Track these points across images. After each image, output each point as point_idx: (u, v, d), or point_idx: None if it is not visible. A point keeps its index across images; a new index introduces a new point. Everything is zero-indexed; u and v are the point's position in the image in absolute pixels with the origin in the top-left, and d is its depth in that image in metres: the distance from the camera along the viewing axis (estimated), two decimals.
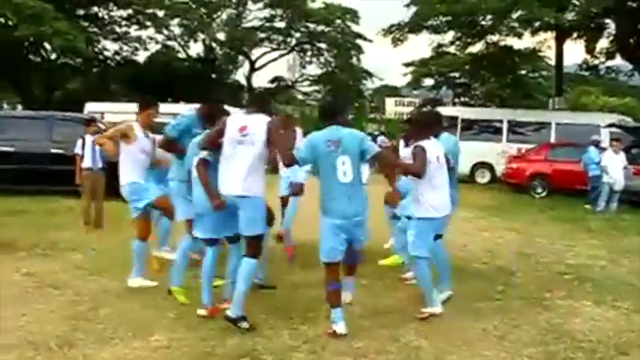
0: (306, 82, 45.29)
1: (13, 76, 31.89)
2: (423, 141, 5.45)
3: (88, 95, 25.67)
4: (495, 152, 20.39)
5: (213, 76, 40.82)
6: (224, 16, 41.26)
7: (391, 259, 7.05)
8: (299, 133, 7.30)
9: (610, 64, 29.26)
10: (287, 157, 5.11)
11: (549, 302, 6.23)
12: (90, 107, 19.41)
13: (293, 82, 45.76)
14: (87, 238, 8.95)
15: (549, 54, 30.43)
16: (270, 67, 44.06)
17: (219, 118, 5.46)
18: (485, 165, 20.83)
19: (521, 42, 28.65)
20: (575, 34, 27.14)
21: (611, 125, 18.24)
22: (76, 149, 9.84)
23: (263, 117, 5.20)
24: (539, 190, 17.07)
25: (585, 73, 32.36)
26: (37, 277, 6.69)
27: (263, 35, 41.04)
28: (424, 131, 5.60)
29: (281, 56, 43.54)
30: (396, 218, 6.68)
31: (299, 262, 7.21)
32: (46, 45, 30.84)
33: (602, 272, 7.72)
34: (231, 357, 4.55)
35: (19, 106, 32.14)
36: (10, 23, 26.98)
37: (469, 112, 23.52)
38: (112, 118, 17.94)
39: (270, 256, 6.81)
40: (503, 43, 29.00)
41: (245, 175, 5.06)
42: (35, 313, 5.48)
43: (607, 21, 25.41)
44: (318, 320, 5.29)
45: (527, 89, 34.61)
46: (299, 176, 6.53)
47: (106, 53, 36.75)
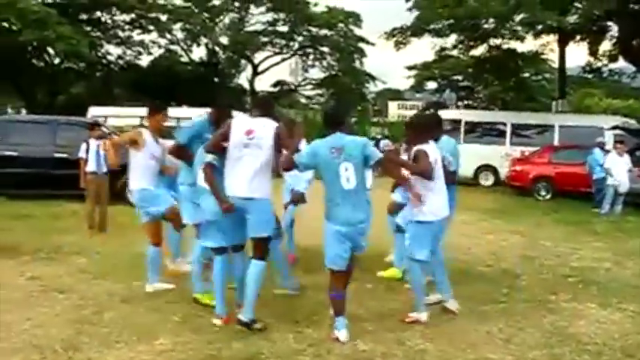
0: (309, 86, 45.26)
1: (17, 80, 31.99)
2: (423, 145, 5.43)
3: (92, 99, 25.72)
4: (499, 155, 20.33)
5: (216, 80, 40.83)
6: (227, 20, 41.34)
7: (390, 272, 7.01)
8: (303, 142, 7.27)
9: (613, 66, 29.35)
10: (286, 162, 5.13)
11: (554, 305, 6.22)
12: (93, 111, 19.50)
13: (296, 86, 45.73)
14: (91, 241, 8.95)
15: (552, 57, 30.54)
16: (272, 71, 44.05)
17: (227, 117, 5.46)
18: (488, 168, 20.78)
19: (524, 45, 28.74)
20: (577, 37, 27.18)
21: (614, 127, 18.23)
22: (80, 153, 9.85)
23: (269, 121, 5.21)
24: (543, 192, 17.03)
25: (588, 75, 32.41)
26: (41, 280, 6.70)
27: (266, 39, 41.06)
28: (423, 135, 5.58)
29: (284, 60, 43.57)
30: (400, 231, 6.59)
31: (303, 266, 7.20)
32: (50, 49, 30.93)
33: (607, 275, 7.71)
34: None
35: (23, 111, 32.18)
36: (14, 28, 27.04)
37: (472, 115, 23.48)
38: (115, 122, 18.04)
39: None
40: (506, 47, 28.99)
41: (251, 177, 5.07)
42: (40, 317, 5.48)
43: (609, 23, 25.41)
44: (324, 324, 5.29)
45: (531, 92, 34.62)
46: (300, 185, 6.51)
47: (109, 57, 36.87)
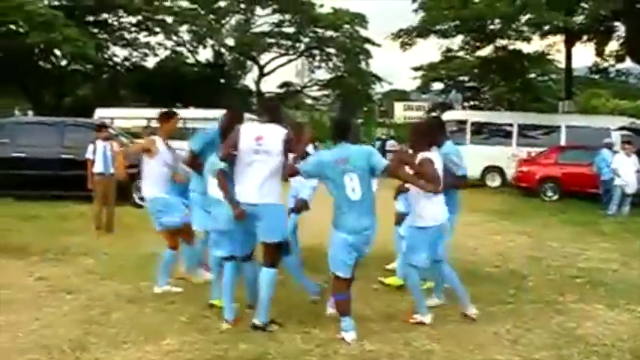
0: (315, 87, 45.19)
1: (24, 82, 32.08)
2: (426, 153, 5.42)
3: (98, 101, 25.77)
4: (505, 156, 20.27)
5: (222, 81, 40.84)
6: (233, 21, 41.37)
7: (392, 280, 7.00)
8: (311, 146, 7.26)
9: (620, 66, 29.24)
10: (290, 168, 5.17)
11: (562, 306, 6.21)
12: (100, 113, 19.52)
13: (302, 87, 45.72)
14: (98, 242, 9.00)
15: (559, 57, 30.36)
16: (278, 72, 44.04)
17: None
18: (495, 169, 20.74)
19: (531, 45, 28.61)
20: (584, 37, 27.08)
21: (622, 128, 18.16)
22: (88, 154, 9.89)
23: (278, 127, 5.22)
24: (550, 193, 16.97)
25: (595, 75, 32.28)
26: (49, 281, 6.75)
27: (272, 40, 41.04)
28: (426, 141, 5.56)
29: (290, 61, 43.54)
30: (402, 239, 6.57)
31: (310, 267, 7.17)
32: (57, 52, 31.01)
33: (614, 275, 7.69)
34: None
35: (30, 112, 32.27)
36: (21, 30, 27.15)
37: (479, 116, 23.41)
38: (122, 123, 18.08)
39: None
40: (512, 47, 28.89)
41: (261, 183, 5.10)
42: (48, 317, 5.52)
43: (616, 24, 25.32)
44: (331, 324, 5.28)
45: (537, 93, 34.44)
46: (304, 192, 6.54)
47: (115, 59, 36.87)
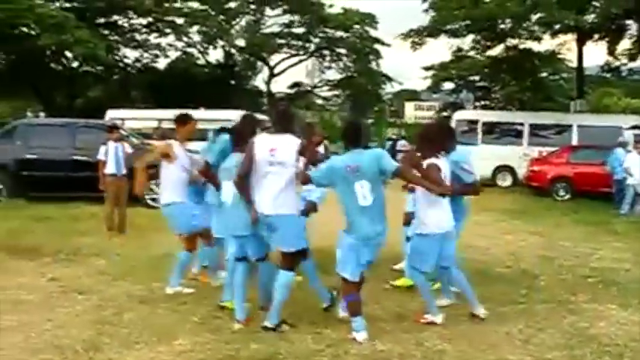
0: (326, 87, 45.17)
1: (36, 84, 32.29)
2: (433, 159, 5.39)
3: (109, 102, 25.85)
4: (517, 155, 20.22)
5: (233, 82, 40.91)
6: (243, 22, 41.40)
7: (402, 281, 7.00)
8: (321, 147, 7.26)
9: (632, 65, 29.02)
10: (301, 176, 5.19)
11: (574, 306, 6.18)
12: (111, 114, 19.58)
13: (312, 88, 45.71)
14: (110, 243, 9.04)
15: (570, 56, 30.20)
16: (289, 73, 44.03)
17: (250, 135, 5.48)
18: (506, 168, 20.67)
19: (542, 45, 28.49)
20: (596, 36, 26.94)
21: (634, 127, 18.03)
22: (100, 155, 9.93)
23: (291, 137, 5.23)
24: (562, 193, 16.88)
25: (607, 74, 32.10)
26: (61, 282, 6.79)
27: (282, 41, 41.08)
28: (434, 146, 5.52)
29: (300, 62, 43.54)
30: (409, 240, 6.57)
31: (320, 267, 7.18)
32: (68, 53, 31.17)
33: (627, 275, 7.63)
34: None
35: (42, 114, 32.46)
36: (32, 33, 27.33)
37: (490, 116, 23.34)
38: (133, 124, 18.14)
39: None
40: (523, 46, 28.79)
41: (277, 195, 5.13)
42: (61, 318, 5.55)
43: (628, 22, 25.20)
44: (342, 324, 5.28)
45: (548, 92, 34.26)
46: (313, 195, 6.54)
47: (126, 61, 36.98)
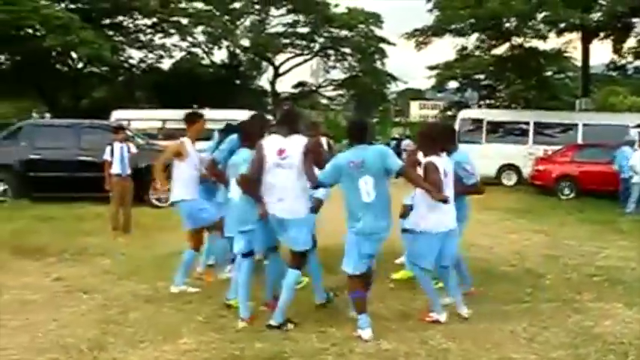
0: (330, 87, 45.20)
1: (41, 85, 32.38)
2: (432, 157, 5.40)
3: (114, 103, 25.90)
4: (522, 154, 20.18)
5: (238, 82, 40.94)
6: (247, 22, 41.45)
7: (401, 273, 7.02)
8: (324, 142, 7.28)
9: (638, 63, 28.87)
10: (312, 180, 5.24)
11: (579, 304, 6.16)
12: (117, 115, 19.60)
13: (317, 87, 45.74)
14: (115, 243, 9.06)
15: (575, 55, 30.09)
16: (293, 73, 44.09)
17: (259, 135, 5.51)
18: (511, 167, 20.64)
19: (547, 43, 28.39)
20: (601, 34, 26.81)
21: (639, 125, 17.96)
22: (105, 156, 9.95)
23: (299, 138, 5.28)
24: (567, 191, 16.80)
25: (613, 73, 31.99)
26: (66, 281, 6.81)
27: (286, 41, 41.11)
28: (434, 145, 5.54)
29: (305, 61, 43.58)
30: (407, 232, 6.57)
31: (325, 266, 7.19)
32: (73, 54, 31.27)
33: (632, 274, 7.60)
34: (260, 359, 4.58)
35: (47, 115, 32.54)
36: (38, 34, 27.41)
37: (494, 114, 23.29)
38: (138, 124, 18.17)
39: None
40: (528, 45, 28.71)
41: (286, 196, 5.20)
42: (66, 317, 5.57)
43: (634, 20, 25.09)
44: (346, 323, 5.29)
45: (553, 90, 34.13)
46: (318, 192, 6.56)
47: (131, 61, 37.03)
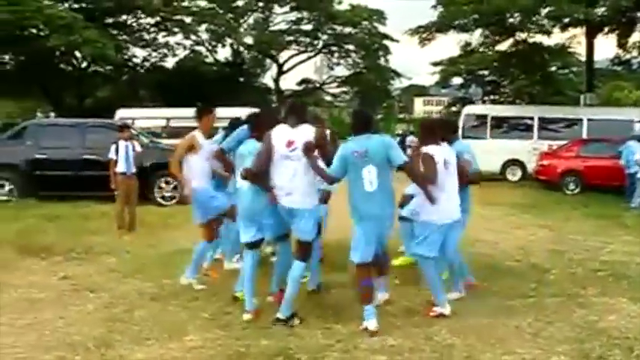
0: (334, 84, 45.26)
1: (45, 85, 32.46)
2: (430, 147, 5.49)
3: (118, 102, 25.96)
4: (526, 149, 20.17)
5: (241, 79, 41.03)
6: (251, 20, 41.55)
7: (401, 260, 7.06)
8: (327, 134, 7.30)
9: None
10: (327, 178, 5.29)
11: (584, 299, 6.15)
12: (121, 113, 19.64)
13: (321, 84, 45.78)
14: (121, 241, 9.08)
15: (580, 50, 30.00)
16: (297, 70, 44.22)
17: (269, 127, 5.51)
18: (516, 162, 20.62)
19: (551, 38, 28.34)
20: (606, 29, 26.74)
21: None
22: (110, 154, 9.97)
23: (307, 128, 5.32)
24: (572, 186, 16.76)
25: (617, 67, 31.93)
26: (73, 280, 6.83)
27: (290, 38, 41.16)
28: (432, 136, 5.64)
29: (309, 58, 43.68)
30: (403, 220, 6.73)
31: (330, 262, 7.22)
32: (77, 54, 31.35)
33: (637, 269, 7.56)
34: (265, 356, 4.60)
35: (52, 114, 32.64)
36: (41, 34, 27.48)
37: (499, 110, 23.24)
38: (142, 123, 18.21)
39: None
40: (532, 40, 28.65)
41: (295, 186, 5.22)
42: (72, 316, 5.60)
43: (639, 14, 24.97)
44: (352, 319, 5.31)
45: (558, 86, 34.06)
46: (325, 184, 6.57)
47: (134, 60, 37.18)
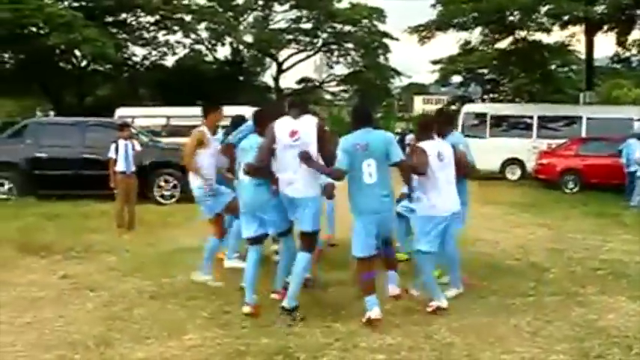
0: (334, 82, 45.14)
1: (45, 83, 32.45)
2: (423, 142, 5.62)
3: (118, 100, 25.91)
4: (526, 148, 20.17)
5: (241, 78, 40.99)
6: (250, 18, 41.45)
7: (397, 256, 7.11)
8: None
9: None
10: (335, 173, 5.29)
11: (583, 298, 6.15)
12: (120, 112, 19.63)
13: (320, 83, 45.70)
14: (120, 240, 9.09)
15: (579, 48, 29.98)
16: (297, 68, 44.12)
17: (271, 122, 5.53)
18: (515, 161, 20.63)
19: (550, 36, 28.32)
20: (605, 27, 26.73)
21: None
22: (110, 153, 9.97)
23: (309, 118, 5.39)
24: (571, 185, 16.78)
25: (617, 65, 31.92)
26: (73, 279, 6.84)
27: (290, 37, 41.08)
28: (425, 131, 5.77)
29: (308, 57, 43.58)
30: (399, 216, 6.81)
31: (330, 261, 7.24)
32: (77, 52, 31.31)
33: (637, 267, 7.57)
34: (265, 355, 4.60)
35: (52, 113, 32.62)
36: (41, 32, 27.47)
37: (499, 108, 23.22)
38: (142, 122, 18.22)
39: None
40: (531, 38, 28.62)
41: (297, 177, 5.26)
42: (72, 314, 5.60)
43: (639, 12, 24.97)
44: (351, 318, 5.32)
45: (557, 84, 34.01)
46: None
47: (134, 59, 37.13)
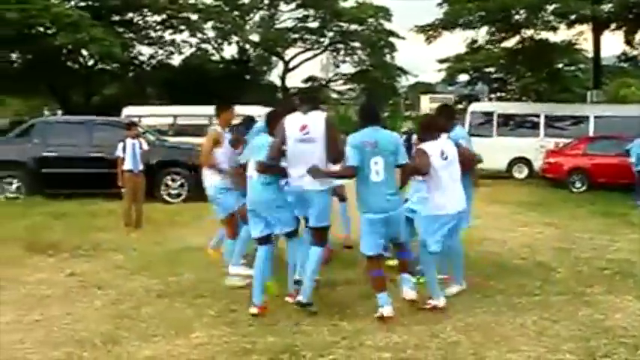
0: (340, 81, 45.20)
1: (53, 83, 32.55)
2: (426, 143, 5.63)
3: (125, 100, 25.93)
4: (533, 147, 20.09)
5: (248, 77, 40.98)
6: (257, 17, 41.52)
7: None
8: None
9: None
10: (347, 171, 5.36)
11: (589, 298, 6.14)
12: (127, 111, 19.67)
13: (327, 82, 45.70)
14: (128, 238, 9.12)
15: (586, 46, 29.87)
16: (303, 67, 44.23)
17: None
18: (522, 160, 20.57)
19: (557, 35, 28.20)
20: (612, 26, 26.60)
21: None
22: (117, 152, 10.01)
23: (320, 113, 5.45)
24: (578, 184, 16.71)
25: (624, 64, 31.79)
26: (80, 277, 6.88)
27: (296, 36, 41.13)
28: (428, 132, 5.76)
29: (315, 56, 43.58)
30: None
31: (337, 260, 7.25)
32: (84, 52, 31.36)
33: None
34: (271, 353, 4.61)
35: (59, 112, 32.72)
36: (49, 32, 27.56)
37: (505, 107, 23.12)
38: (149, 121, 18.27)
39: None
40: (538, 37, 28.52)
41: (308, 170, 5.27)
42: (80, 312, 5.64)
43: None
44: (357, 316, 5.34)
45: (565, 83, 33.86)
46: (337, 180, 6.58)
47: (141, 58, 37.10)
